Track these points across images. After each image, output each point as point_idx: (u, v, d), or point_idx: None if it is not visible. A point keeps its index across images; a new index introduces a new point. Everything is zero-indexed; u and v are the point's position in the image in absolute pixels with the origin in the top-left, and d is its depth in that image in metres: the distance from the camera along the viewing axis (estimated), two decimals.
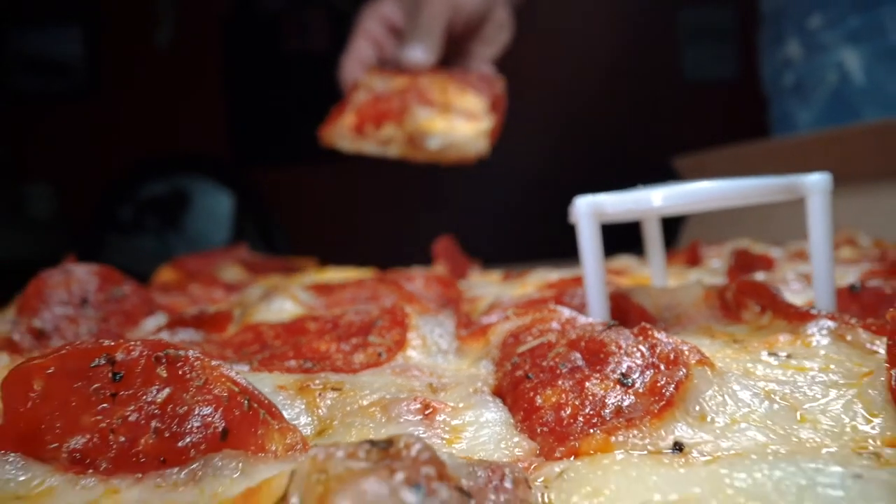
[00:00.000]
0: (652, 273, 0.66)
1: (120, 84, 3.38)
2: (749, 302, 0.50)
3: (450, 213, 3.17)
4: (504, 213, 3.28)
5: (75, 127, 3.37)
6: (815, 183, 0.50)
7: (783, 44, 1.61)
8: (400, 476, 0.18)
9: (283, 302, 0.58)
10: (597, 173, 2.96)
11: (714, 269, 0.79)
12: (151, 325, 0.60)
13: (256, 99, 3.49)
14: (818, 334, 0.41)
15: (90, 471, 0.27)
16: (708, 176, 0.54)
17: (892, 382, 0.28)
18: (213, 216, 3.53)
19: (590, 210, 0.50)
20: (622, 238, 0.87)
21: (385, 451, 0.20)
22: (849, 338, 0.39)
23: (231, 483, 0.26)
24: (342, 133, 0.91)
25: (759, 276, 0.66)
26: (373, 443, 0.20)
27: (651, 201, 0.50)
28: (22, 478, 0.26)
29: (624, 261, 0.90)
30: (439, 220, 2.28)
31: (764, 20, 1.67)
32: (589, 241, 0.51)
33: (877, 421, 0.28)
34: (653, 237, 0.65)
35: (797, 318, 0.43)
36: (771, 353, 0.38)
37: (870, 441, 0.26)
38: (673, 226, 1.72)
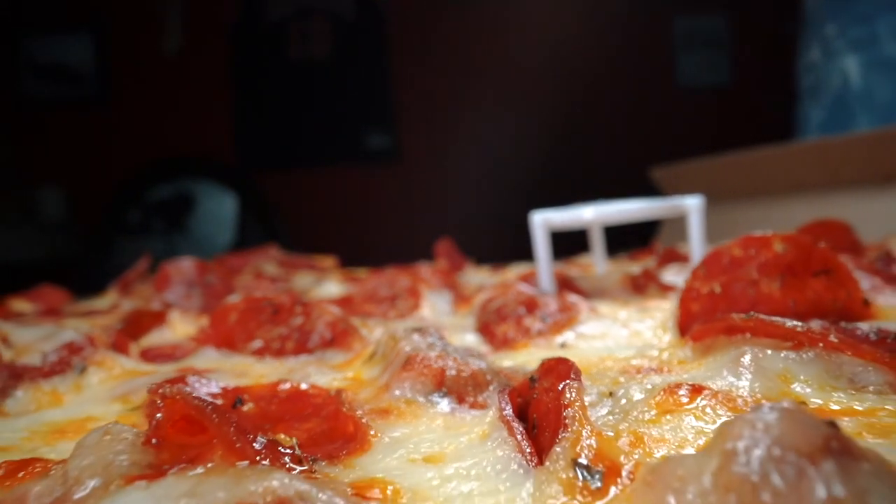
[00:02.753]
0: (595, 264, 0.95)
1: (129, 91, 3.68)
2: (649, 283, 0.80)
3: (449, 217, 3.47)
4: (499, 218, 3.56)
5: (85, 132, 3.67)
6: (693, 204, 0.79)
7: (809, 48, 1.84)
8: (427, 333, 0.47)
9: (331, 285, 0.88)
10: (590, 179, 3.25)
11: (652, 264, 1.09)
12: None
13: (261, 104, 3.79)
14: (674, 299, 0.70)
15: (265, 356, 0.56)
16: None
17: (677, 317, 0.57)
18: (217, 218, 3.82)
19: (541, 222, 0.79)
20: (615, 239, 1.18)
21: (419, 329, 0.49)
22: None
23: (337, 360, 0.55)
24: None
25: (674, 266, 0.96)
26: (413, 328, 0.50)
27: (583, 216, 0.80)
28: (233, 359, 0.56)
29: (587, 259, 1.19)
30: (438, 222, 2.56)
31: (803, 27, 1.89)
32: (541, 243, 0.80)
33: (666, 336, 0.57)
34: (596, 239, 0.95)
35: (666, 290, 0.73)
36: (638, 308, 0.67)
37: (654, 340, 0.56)
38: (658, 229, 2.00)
